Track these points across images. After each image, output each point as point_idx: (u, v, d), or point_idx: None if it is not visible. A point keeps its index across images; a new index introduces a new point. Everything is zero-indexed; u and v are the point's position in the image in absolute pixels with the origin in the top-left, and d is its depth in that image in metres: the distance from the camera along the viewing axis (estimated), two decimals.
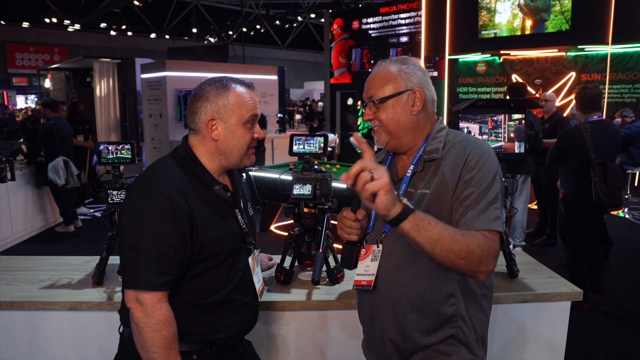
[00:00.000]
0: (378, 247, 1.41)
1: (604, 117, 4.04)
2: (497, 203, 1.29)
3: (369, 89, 1.42)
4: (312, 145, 2.12)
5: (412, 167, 1.41)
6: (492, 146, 2.11)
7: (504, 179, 2.16)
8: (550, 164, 4.10)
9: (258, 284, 1.57)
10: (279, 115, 11.18)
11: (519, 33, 9.36)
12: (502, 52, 9.68)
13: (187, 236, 1.32)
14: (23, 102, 22.39)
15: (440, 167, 1.35)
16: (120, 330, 1.48)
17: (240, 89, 1.42)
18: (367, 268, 1.42)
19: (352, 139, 1.31)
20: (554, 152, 3.92)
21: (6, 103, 18.67)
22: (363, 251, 1.45)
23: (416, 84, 1.39)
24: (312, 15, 23.91)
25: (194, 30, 23.77)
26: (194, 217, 1.33)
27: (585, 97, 3.75)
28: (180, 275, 1.34)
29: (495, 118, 2.18)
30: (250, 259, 1.52)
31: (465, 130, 2.18)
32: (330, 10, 14.35)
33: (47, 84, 15.27)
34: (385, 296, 1.39)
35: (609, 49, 8.59)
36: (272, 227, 6.24)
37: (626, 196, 6.88)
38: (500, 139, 2.18)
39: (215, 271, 1.40)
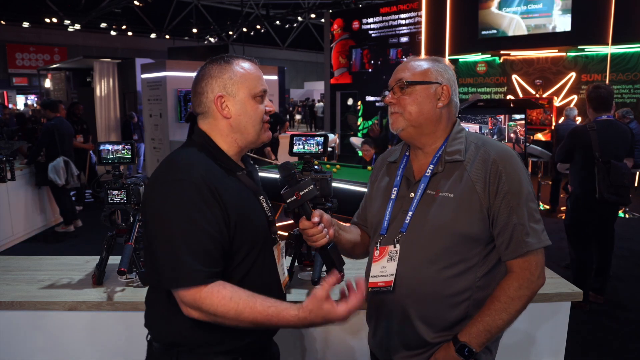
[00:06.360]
0: (395, 247, 1.39)
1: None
2: (533, 215, 1.33)
3: (399, 72, 1.41)
4: (312, 145, 2.12)
5: (431, 166, 1.38)
6: None
7: None
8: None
9: (282, 276, 1.47)
10: None
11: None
12: (502, 52, 9.68)
13: (222, 223, 1.23)
14: (23, 102, 22.39)
15: (466, 171, 1.34)
16: (148, 338, 1.36)
17: (243, 63, 1.35)
18: (383, 269, 1.39)
19: (352, 140, 1.31)
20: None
21: (6, 103, 18.67)
22: (377, 252, 1.42)
23: (446, 80, 1.40)
24: (312, 16, 23.94)
25: (194, 30, 23.80)
26: (224, 202, 1.24)
27: (597, 96, 3.79)
28: (223, 266, 1.24)
29: (495, 118, 2.18)
30: (275, 249, 1.42)
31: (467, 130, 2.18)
32: (331, 11, 14.37)
33: (47, 84, 15.28)
34: (401, 296, 1.37)
35: (609, 50, 8.60)
36: None
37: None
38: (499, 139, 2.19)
39: (243, 263, 1.31)
